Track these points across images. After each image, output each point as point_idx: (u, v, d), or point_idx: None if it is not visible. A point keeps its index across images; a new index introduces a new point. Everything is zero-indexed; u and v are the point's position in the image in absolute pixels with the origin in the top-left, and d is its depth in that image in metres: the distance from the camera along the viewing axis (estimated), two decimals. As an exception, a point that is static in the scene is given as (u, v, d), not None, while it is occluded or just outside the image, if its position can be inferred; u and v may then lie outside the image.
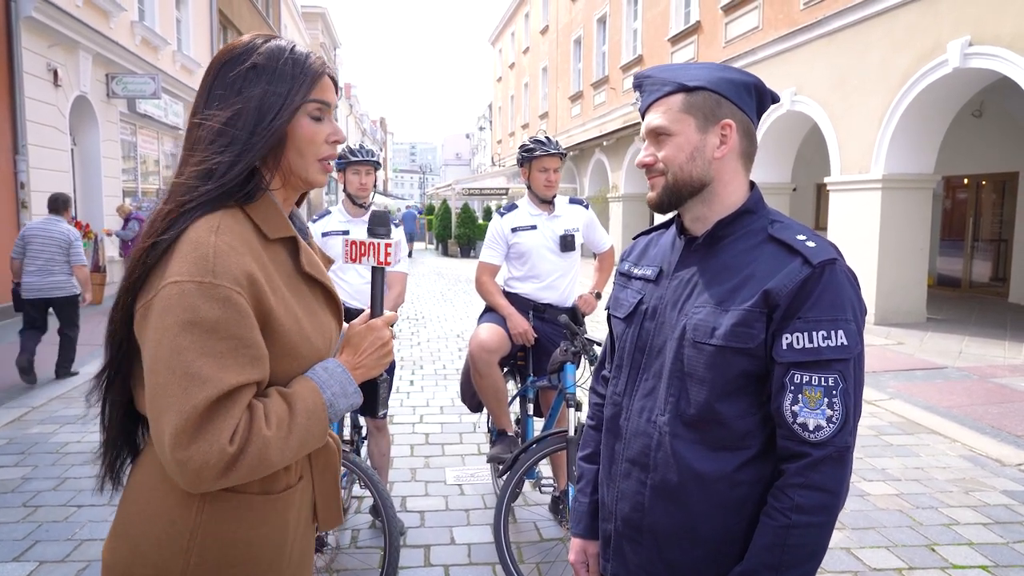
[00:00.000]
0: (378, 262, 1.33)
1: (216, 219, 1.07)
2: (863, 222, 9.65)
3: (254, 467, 1.03)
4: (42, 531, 3.45)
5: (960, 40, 8.05)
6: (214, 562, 1.09)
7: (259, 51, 1.15)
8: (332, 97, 1.21)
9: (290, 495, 1.18)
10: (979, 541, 3.43)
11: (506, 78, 37.11)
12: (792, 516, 1.11)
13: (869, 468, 4.41)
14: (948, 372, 6.80)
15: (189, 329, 1.00)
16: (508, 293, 3.59)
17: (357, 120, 64.12)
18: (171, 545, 1.07)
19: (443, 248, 25.75)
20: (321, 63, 1.19)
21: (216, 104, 1.13)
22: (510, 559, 2.82)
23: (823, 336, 1.11)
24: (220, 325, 1.01)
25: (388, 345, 1.25)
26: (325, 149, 1.20)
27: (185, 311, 1.00)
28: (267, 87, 1.13)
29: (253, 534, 1.12)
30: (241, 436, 1.02)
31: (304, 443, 1.10)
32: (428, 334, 9.06)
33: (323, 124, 1.19)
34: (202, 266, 1.02)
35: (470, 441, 4.87)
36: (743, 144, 1.27)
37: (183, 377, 0.99)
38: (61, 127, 10.43)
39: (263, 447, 1.03)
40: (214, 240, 1.04)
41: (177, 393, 0.99)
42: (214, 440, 0.99)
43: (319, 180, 1.21)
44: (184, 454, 0.98)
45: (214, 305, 1.01)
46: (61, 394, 5.84)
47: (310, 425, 1.10)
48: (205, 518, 1.08)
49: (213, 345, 1.01)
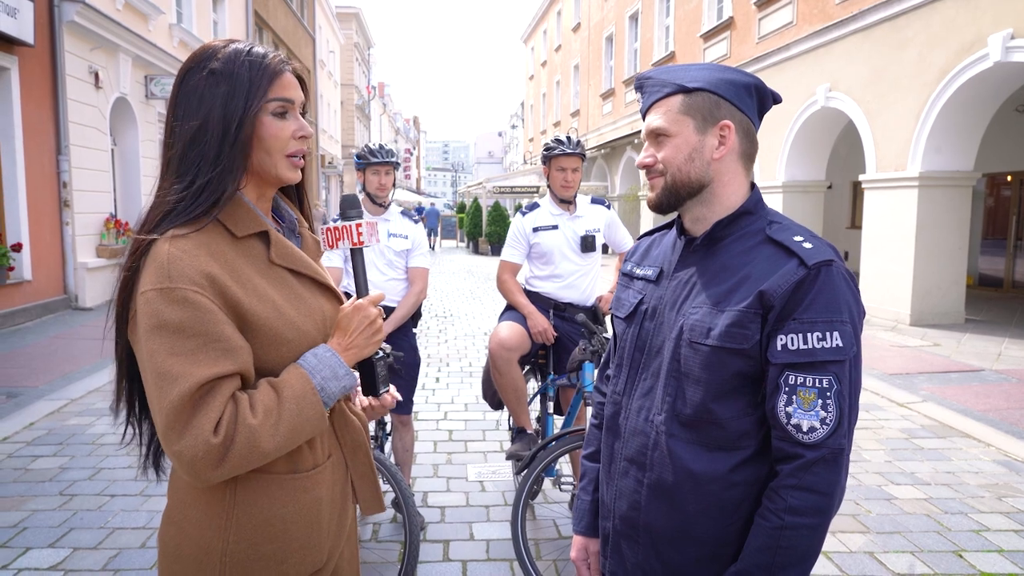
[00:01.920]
0: (353, 243, 1.35)
1: (175, 231, 1.13)
2: (899, 221, 9.44)
3: (245, 456, 1.08)
4: (77, 519, 3.57)
5: (1002, 33, 7.83)
6: (251, 538, 1.16)
7: (217, 56, 1.18)
8: (295, 94, 1.22)
9: (319, 474, 1.24)
10: (1010, 548, 3.35)
11: (538, 76, 37.08)
12: (785, 517, 1.11)
13: (898, 472, 4.32)
14: (985, 375, 6.62)
15: (157, 333, 1.07)
16: (529, 292, 3.61)
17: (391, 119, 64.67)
18: (211, 524, 1.16)
19: (474, 246, 25.86)
20: (279, 61, 1.21)
21: (182, 114, 1.17)
22: (526, 554, 2.84)
23: (818, 337, 1.11)
24: (185, 324, 1.07)
25: (377, 323, 1.28)
26: (292, 145, 1.22)
27: (151, 317, 1.07)
28: (227, 91, 1.15)
29: (285, 511, 1.19)
30: (226, 427, 1.06)
31: (296, 429, 1.14)
32: (456, 332, 9.12)
33: (288, 121, 1.21)
34: (160, 273, 1.08)
35: (493, 439, 4.90)
36: (743, 145, 1.27)
37: (158, 378, 1.06)
38: (102, 128, 10.72)
39: (250, 436, 1.08)
40: (167, 248, 1.10)
41: (157, 395, 1.06)
42: (198, 433, 1.04)
43: (289, 176, 1.24)
44: (175, 449, 1.05)
45: (175, 307, 1.07)
46: (99, 387, 6.02)
47: (301, 410, 1.14)
48: (239, 499, 1.16)
49: (181, 344, 1.06)
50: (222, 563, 1.15)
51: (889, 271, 9.61)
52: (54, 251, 9.63)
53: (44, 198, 9.36)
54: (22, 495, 3.84)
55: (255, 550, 1.17)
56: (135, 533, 3.42)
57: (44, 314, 9.21)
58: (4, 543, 3.30)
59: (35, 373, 6.40)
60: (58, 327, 8.62)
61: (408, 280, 3.60)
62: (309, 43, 26.20)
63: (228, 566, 1.16)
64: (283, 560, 1.20)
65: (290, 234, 1.36)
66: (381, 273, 3.53)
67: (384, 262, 3.53)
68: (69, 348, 7.47)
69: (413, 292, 3.57)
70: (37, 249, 9.15)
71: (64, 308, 9.76)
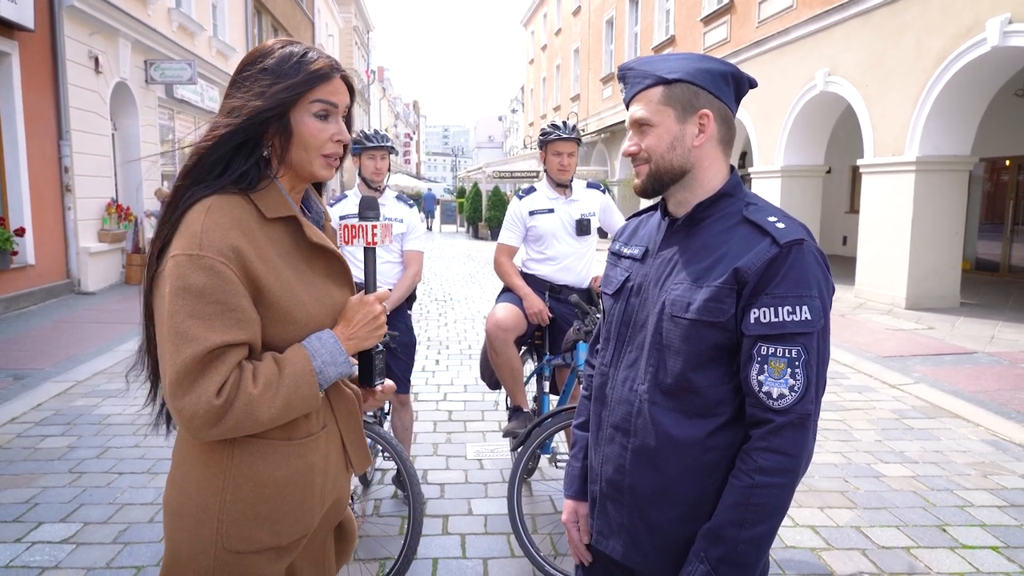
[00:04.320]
0: (367, 242, 1.46)
1: (209, 201, 1.22)
2: (896, 205, 9.50)
3: (241, 421, 1.17)
4: (86, 495, 3.67)
5: (1000, 18, 7.85)
6: (246, 499, 1.25)
7: (272, 55, 1.29)
8: (340, 99, 1.31)
9: (313, 441, 1.33)
10: (992, 523, 3.45)
11: (538, 60, 36.92)
12: (756, 477, 1.20)
13: (887, 451, 4.42)
14: (978, 357, 6.72)
15: (181, 294, 1.15)
16: (525, 274, 3.69)
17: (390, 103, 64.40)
18: (209, 485, 1.24)
19: (474, 231, 25.91)
20: (329, 66, 1.30)
21: (228, 98, 1.29)
22: (522, 527, 2.93)
23: (788, 311, 1.19)
24: (207, 291, 1.16)
25: (379, 319, 1.37)
26: (330, 147, 1.31)
27: (178, 279, 1.16)
28: (270, 83, 1.26)
29: (279, 475, 1.28)
30: (229, 391, 1.15)
31: (291, 404, 1.22)
32: (455, 315, 9.21)
33: (328, 124, 1.30)
34: (192, 241, 1.17)
35: (491, 419, 5.00)
36: (721, 131, 1.34)
37: (175, 336, 1.14)
38: (102, 113, 10.75)
39: (248, 403, 1.17)
40: (203, 219, 1.19)
41: (171, 351, 1.15)
42: (202, 392, 1.13)
43: (323, 175, 1.33)
44: (178, 404, 1.14)
45: (201, 273, 1.15)
46: (104, 369, 6.12)
47: (298, 388, 1.22)
48: (235, 461, 1.25)
49: (201, 308, 1.15)
50: (219, 521, 1.24)
51: (886, 255, 9.67)
52: (56, 236, 9.70)
53: (46, 183, 9.41)
54: (32, 472, 3.95)
55: (250, 509, 1.26)
56: (143, 508, 3.52)
57: (47, 298, 9.30)
58: (17, 518, 3.40)
59: (41, 356, 6.49)
60: (62, 311, 8.71)
61: (403, 263, 3.68)
62: (308, 27, 26.09)
63: (224, 524, 1.24)
64: (276, 520, 1.28)
65: (315, 226, 1.44)
66: (377, 256, 3.60)
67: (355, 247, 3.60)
68: (73, 331, 7.57)
69: (408, 275, 3.65)
70: (40, 234, 9.22)
71: (67, 292, 9.85)
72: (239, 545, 1.25)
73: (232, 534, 1.25)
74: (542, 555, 2.91)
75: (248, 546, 1.26)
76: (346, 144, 1.34)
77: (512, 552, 3.15)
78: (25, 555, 3.06)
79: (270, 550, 1.29)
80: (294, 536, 1.32)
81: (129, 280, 11.15)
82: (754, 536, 1.19)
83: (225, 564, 1.25)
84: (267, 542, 1.28)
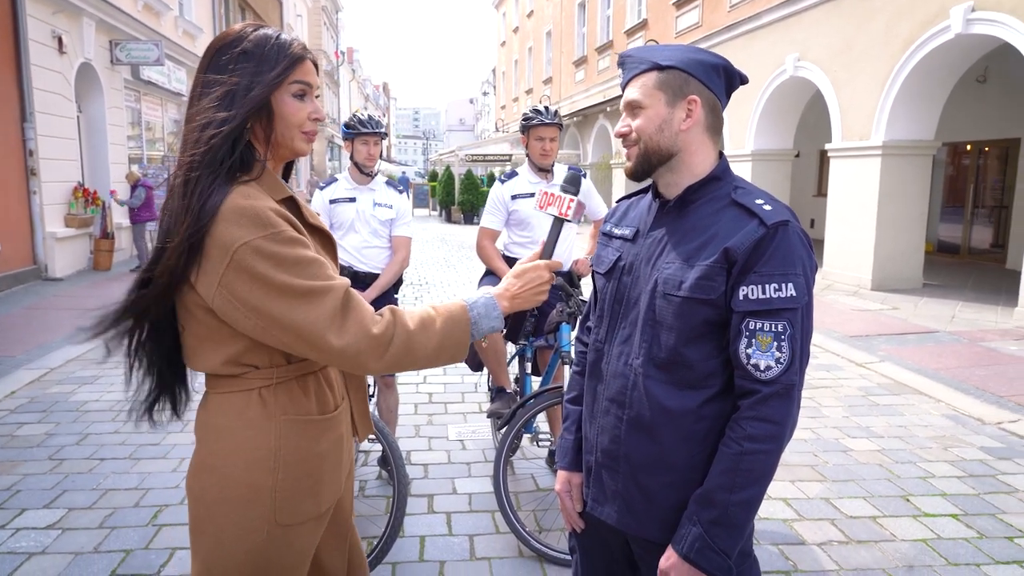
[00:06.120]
0: (560, 213, 1.56)
1: (242, 190, 1.26)
2: (863, 189, 9.73)
3: (401, 356, 1.27)
4: (68, 481, 3.66)
5: (963, 6, 8.05)
6: (295, 474, 1.33)
7: (249, 39, 1.32)
8: (314, 79, 1.39)
9: (340, 414, 1.44)
10: (952, 492, 3.63)
11: (510, 42, 36.74)
12: (744, 444, 1.28)
13: (854, 426, 4.60)
14: (939, 336, 6.96)
15: (282, 268, 1.21)
16: (508, 258, 3.74)
17: (360, 85, 63.53)
18: (260, 467, 1.30)
19: (446, 215, 25.84)
20: (302, 48, 1.37)
21: (211, 85, 1.31)
22: (508, 505, 3.02)
23: (774, 288, 1.27)
24: (300, 257, 1.24)
25: (545, 285, 1.46)
26: (308, 124, 1.38)
27: (269, 258, 1.21)
28: (256, 68, 1.30)
29: (320, 448, 1.37)
30: (385, 325, 1.26)
31: (443, 346, 1.31)
32: (432, 299, 9.24)
33: (305, 103, 1.37)
34: (259, 223, 1.22)
35: (472, 400, 5.07)
36: (709, 119, 1.41)
37: (305, 296, 1.21)
38: (67, 94, 10.49)
39: (408, 339, 1.27)
40: (252, 204, 1.24)
41: (308, 310, 1.21)
42: (358, 328, 1.24)
43: (303, 149, 1.40)
44: (340, 346, 1.22)
45: (287, 246, 1.23)
46: (78, 356, 6.04)
47: (452, 331, 1.32)
48: (283, 441, 1.32)
49: (309, 270, 1.24)
50: (273, 499, 1.31)
51: (852, 238, 9.92)
52: (22, 221, 9.49)
53: (11, 166, 9.19)
54: (12, 460, 3.92)
55: (298, 484, 1.33)
56: (128, 494, 3.53)
57: (13, 285, 9.11)
58: (0, 505, 3.39)
59: (11, 343, 6.39)
60: (30, 298, 8.55)
61: (391, 248, 3.71)
62: (276, 6, 25.60)
63: (278, 500, 1.31)
64: (318, 492, 1.37)
65: None
66: (365, 241, 3.64)
67: (369, 231, 3.63)
68: (44, 318, 7.44)
69: (397, 260, 3.69)
70: (5, 219, 9.02)
71: (34, 279, 9.66)
72: (289, 519, 1.33)
73: (284, 509, 1.32)
74: (527, 530, 2.99)
75: (296, 518, 1.34)
76: (321, 119, 1.41)
77: (497, 529, 3.23)
78: (11, 541, 3.05)
79: (312, 520, 1.37)
80: (331, 503, 1.41)
81: (97, 266, 10.96)
82: (743, 499, 1.28)
83: (275, 539, 1.32)
84: (311, 512, 1.36)
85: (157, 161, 14.59)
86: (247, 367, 1.31)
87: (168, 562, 2.90)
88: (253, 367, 1.31)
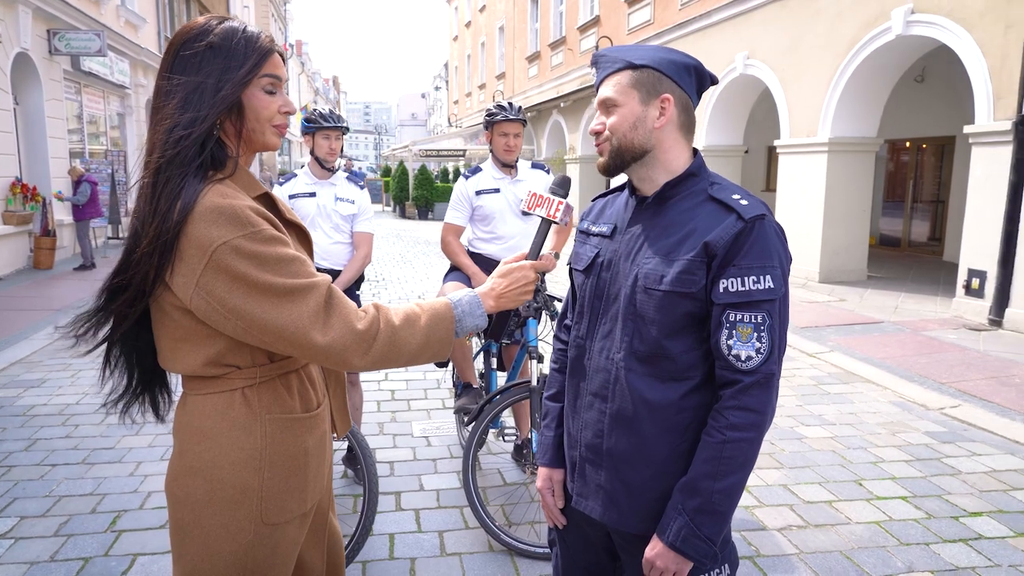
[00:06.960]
0: (548, 215, 1.58)
1: (218, 189, 1.24)
2: (810, 184, 10.03)
3: (386, 352, 1.26)
4: (19, 489, 3.52)
5: (903, 8, 8.35)
6: (281, 473, 1.33)
7: (214, 32, 1.29)
8: (283, 72, 1.37)
9: (322, 412, 1.44)
10: (901, 476, 3.79)
11: (463, 37, 36.57)
12: (727, 433, 1.32)
13: (808, 415, 4.75)
14: (884, 326, 7.23)
15: (263, 267, 1.19)
16: (472, 253, 3.74)
17: (309, 79, 62.41)
18: (246, 467, 1.29)
19: (401, 210, 25.64)
20: (271, 41, 1.35)
21: (177, 84, 1.26)
22: (478, 500, 3.03)
23: (753, 280, 1.31)
24: (281, 255, 1.22)
25: (530, 285, 1.48)
26: (278, 118, 1.37)
27: (251, 258, 1.19)
28: (224, 65, 1.27)
29: (306, 446, 1.37)
30: (370, 321, 1.25)
31: (428, 343, 1.32)
32: (389, 295, 9.17)
33: (276, 97, 1.35)
34: (238, 222, 1.19)
35: (435, 397, 5.06)
36: (681, 117, 1.45)
37: (288, 295, 1.20)
38: (3, 85, 10.04)
39: (392, 334, 1.27)
40: (231, 203, 1.21)
41: (292, 308, 1.20)
42: (342, 325, 1.23)
43: (275, 143, 1.39)
44: (325, 343, 1.21)
45: (267, 245, 1.21)
46: (22, 358, 5.80)
47: (436, 328, 1.33)
48: (269, 441, 1.31)
49: (289, 268, 1.22)
50: (260, 498, 1.30)
51: (801, 231, 10.22)
52: (-45, 218, 9.05)
53: (-59, 161, 8.75)
54: (-44, 468, 3.75)
55: (284, 483, 1.33)
56: (83, 500, 3.42)
57: (-52, 285, 8.69)
58: (-55, 514, 3.25)
59: (-52, 346, 6.10)
60: (-35, 298, 8.17)
61: (353, 244, 3.67)
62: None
63: (265, 500, 1.31)
64: (303, 490, 1.37)
65: None
66: (327, 236, 3.59)
67: (330, 226, 3.59)
68: (-18, 319, 7.12)
69: (359, 256, 3.65)
70: (-64, 216, 8.59)
71: (-31, 278, 9.23)
72: (275, 518, 1.32)
73: (271, 508, 1.31)
74: (497, 524, 3.01)
75: (283, 517, 1.33)
76: (291, 112, 1.40)
77: (466, 524, 3.24)
78: (-41, 552, 2.93)
79: (298, 518, 1.37)
80: (315, 500, 1.41)
81: (38, 264, 10.54)
82: (727, 487, 1.32)
83: (262, 538, 1.31)
84: (297, 511, 1.36)
85: (100, 156, 14.07)
86: (228, 367, 1.29)
87: (130, 569, 2.83)
88: (235, 367, 1.30)
